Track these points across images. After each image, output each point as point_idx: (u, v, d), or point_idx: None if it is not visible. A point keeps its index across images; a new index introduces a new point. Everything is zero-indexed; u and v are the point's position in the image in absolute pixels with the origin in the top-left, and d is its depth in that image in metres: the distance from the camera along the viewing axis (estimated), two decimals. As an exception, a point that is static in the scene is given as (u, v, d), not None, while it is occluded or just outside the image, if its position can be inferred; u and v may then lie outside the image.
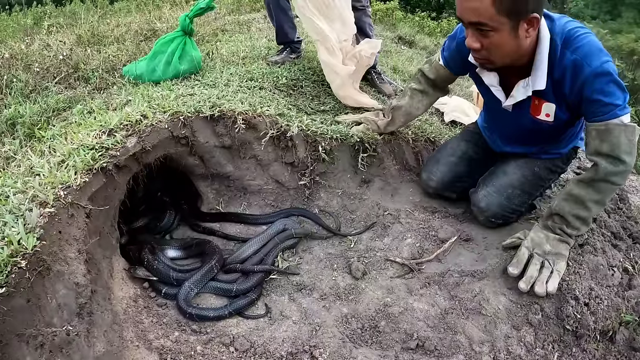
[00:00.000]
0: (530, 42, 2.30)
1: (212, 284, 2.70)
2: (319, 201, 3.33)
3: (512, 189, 2.83)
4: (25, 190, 2.12)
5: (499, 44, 2.25)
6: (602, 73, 2.22)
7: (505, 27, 2.17)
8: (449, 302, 2.46)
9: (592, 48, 2.25)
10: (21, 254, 1.78)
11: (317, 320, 2.44)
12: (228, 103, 3.08)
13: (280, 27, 4.23)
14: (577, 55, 2.26)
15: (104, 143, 2.50)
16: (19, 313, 1.69)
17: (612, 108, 2.25)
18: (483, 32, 2.22)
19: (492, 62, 2.40)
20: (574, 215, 2.43)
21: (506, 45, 2.25)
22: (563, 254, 2.45)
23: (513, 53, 2.31)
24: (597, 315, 2.28)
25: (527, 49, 2.32)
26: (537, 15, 2.16)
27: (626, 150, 2.28)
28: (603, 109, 2.27)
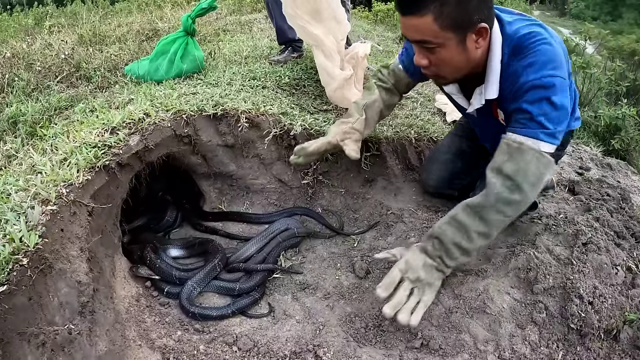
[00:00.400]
0: (482, 52, 2.17)
1: (215, 282, 2.69)
2: (322, 200, 3.33)
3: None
4: (27, 188, 2.11)
5: (447, 59, 2.12)
6: (540, 86, 2.07)
7: (452, 42, 2.05)
8: (453, 301, 2.44)
9: (540, 58, 2.08)
10: (23, 251, 1.77)
11: (321, 320, 2.43)
12: (231, 102, 3.08)
13: (280, 27, 4.23)
14: (521, 64, 2.12)
15: (106, 141, 2.50)
16: (20, 311, 1.68)
17: (538, 128, 2.10)
18: (429, 49, 2.10)
19: (442, 77, 2.30)
20: (455, 244, 2.27)
21: (455, 59, 2.13)
22: (435, 284, 2.31)
23: (463, 66, 2.18)
24: (601, 313, 2.25)
25: (479, 60, 2.19)
26: (485, 25, 2.04)
27: (531, 181, 2.12)
28: (528, 122, 2.12)
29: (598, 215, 2.79)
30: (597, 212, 2.84)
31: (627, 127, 5.98)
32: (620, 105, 6.30)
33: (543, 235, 2.66)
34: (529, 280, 2.41)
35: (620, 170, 3.75)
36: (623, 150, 5.87)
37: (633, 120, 6.07)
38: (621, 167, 3.81)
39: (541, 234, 2.68)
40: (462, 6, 1.95)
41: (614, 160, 3.89)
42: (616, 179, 3.41)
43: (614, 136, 5.95)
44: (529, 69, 2.08)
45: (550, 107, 2.06)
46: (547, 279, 2.37)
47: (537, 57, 2.08)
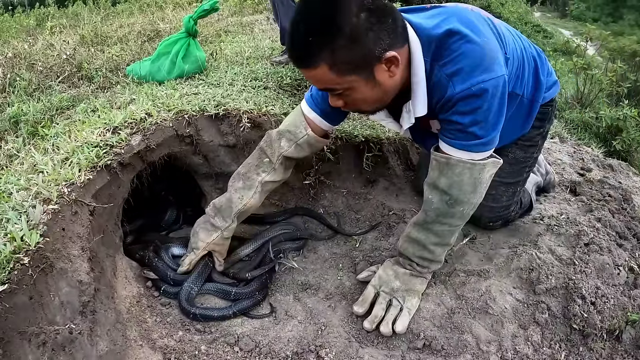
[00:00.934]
0: (401, 76, 1.98)
1: (212, 285, 2.68)
2: (324, 201, 3.33)
3: (494, 190, 2.58)
4: (28, 187, 2.11)
5: (361, 99, 1.99)
6: (469, 96, 1.92)
7: (360, 83, 1.90)
8: (455, 301, 2.44)
9: (465, 62, 1.91)
10: (24, 250, 1.77)
11: (323, 320, 2.42)
12: (233, 102, 3.07)
13: (284, 27, 4.22)
14: (444, 72, 1.95)
15: (108, 141, 2.49)
16: (21, 310, 1.67)
17: (470, 139, 2.02)
18: (339, 94, 1.99)
19: (366, 111, 2.18)
20: (419, 256, 2.35)
21: (369, 96, 1.98)
22: (416, 289, 2.36)
23: (382, 97, 2.02)
24: (604, 314, 2.26)
25: (398, 84, 2.01)
26: (392, 53, 1.85)
27: (468, 190, 2.10)
28: (458, 134, 2.03)
29: (600, 216, 2.80)
30: (599, 212, 2.85)
31: (628, 128, 5.99)
32: (621, 107, 6.32)
33: (545, 236, 2.68)
34: (531, 281, 2.42)
35: (622, 171, 3.75)
36: (624, 151, 5.88)
37: (634, 121, 6.08)
38: (622, 168, 3.80)
39: (543, 234, 2.70)
40: (355, 46, 1.79)
41: (615, 161, 3.89)
42: (617, 179, 3.41)
43: (615, 137, 5.97)
44: (455, 79, 1.93)
45: (482, 115, 1.96)
46: (549, 280, 2.38)
47: (461, 62, 1.91)
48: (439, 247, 2.32)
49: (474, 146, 2.03)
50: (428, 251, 2.31)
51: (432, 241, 2.28)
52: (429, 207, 2.20)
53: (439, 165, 2.11)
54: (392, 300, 2.34)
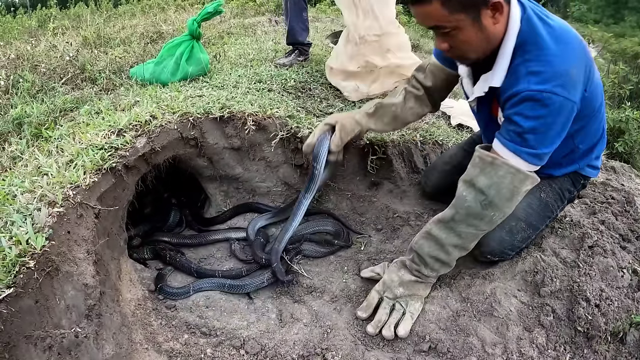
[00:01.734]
0: (502, 28, 2.06)
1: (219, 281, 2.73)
2: (328, 203, 3.33)
3: (515, 221, 2.49)
4: (33, 190, 2.11)
5: (466, 40, 2.05)
6: (538, 100, 1.97)
7: (466, 23, 1.98)
8: (460, 304, 2.43)
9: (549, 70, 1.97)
10: (29, 254, 1.76)
11: (329, 323, 2.42)
12: (237, 104, 3.08)
13: (292, 27, 4.24)
14: (526, 66, 2.03)
15: (113, 143, 2.50)
16: (26, 314, 1.67)
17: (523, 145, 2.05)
18: (446, 34, 2.04)
19: (466, 58, 2.22)
20: (433, 257, 2.32)
21: (473, 39, 2.05)
22: (419, 294, 2.37)
23: (484, 45, 2.09)
24: (608, 316, 2.25)
25: (499, 35, 2.08)
26: None
27: (505, 196, 2.12)
28: (514, 136, 2.06)
29: (603, 219, 2.79)
30: (602, 215, 2.83)
31: (630, 130, 5.97)
32: (623, 109, 6.30)
33: (549, 239, 2.66)
34: (535, 283, 2.41)
35: (624, 173, 3.74)
36: (627, 153, 5.86)
37: (636, 123, 6.07)
38: (625, 171, 3.79)
39: (547, 237, 2.67)
40: None
41: (617, 164, 3.87)
42: (620, 182, 3.40)
43: (617, 139, 5.94)
44: (533, 77, 1.99)
45: (544, 126, 2.00)
46: (554, 282, 2.37)
47: (545, 67, 1.97)
48: (456, 250, 2.30)
49: (525, 154, 2.05)
50: (445, 252, 2.29)
51: (452, 242, 2.26)
52: (461, 204, 2.20)
53: (482, 164, 2.14)
54: (395, 305, 2.35)
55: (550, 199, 2.55)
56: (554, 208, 2.58)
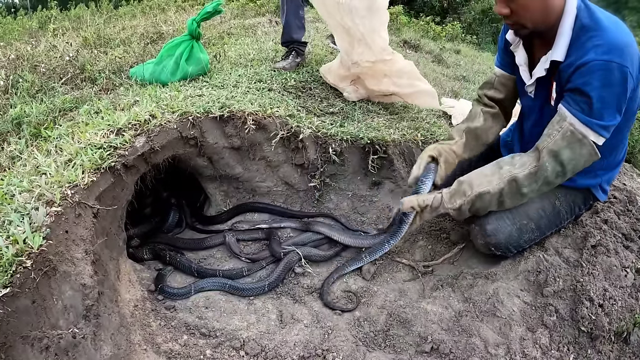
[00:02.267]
0: (560, 2, 2.19)
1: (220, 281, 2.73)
2: (329, 203, 3.33)
3: (527, 220, 2.52)
4: (31, 189, 2.10)
5: (526, 4, 2.17)
6: (606, 70, 2.05)
7: None
8: (462, 304, 2.43)
9: (610, 41, 2.06)
10: (27, 253, 1.75)
11: (329, 324, 2.41)
12: (237, 104, 3.08)
13: (288, 22, 4.19)
14: (591, 41, 2.10)
15: (112, 142, 2.49)
16: (23, 314, 1.66)
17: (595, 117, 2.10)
18: None
19: (523, 25, 2.27)
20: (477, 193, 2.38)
21: (532, 5, 2.17)
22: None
23: (542, 13, 2.20)
24: (612, 316, 2.24)
25: (557, 7, 2.19)
26: None
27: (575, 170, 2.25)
28: (586, 109, 2.12)
29: (606, 218, 2.78)
30: (605, 214, 2.82)
31: (631, 130, 5.97)
32: (625, 108, 6.30)
33: (552, 238, 2.65)
34: (538, 283, 2.40)
35: (626, 172, 3.73)
36: (628, 152, 5.87)
37: (637, 122, 6.07)
38: (627, 170, 3.78)
39: (550, 236, 2.66)
40: None
41: (618, 164, 3.87)
42: (622, 181, 3.39)
43: (618, 139, 5.94)
44: (599, 49, 2.06)
45: (611, 96, 2.07)
46: (557, 282, 2.37)
47: (608, 41, 2.06)
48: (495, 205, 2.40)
49: (595, 126, 2.11)
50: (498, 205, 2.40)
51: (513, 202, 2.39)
52: (542, 174, 2.25)
53: (572, 138, 2.17)
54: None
55: (563, 209, 2.58)
56: (563, 219, 2.60)
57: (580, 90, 2.10)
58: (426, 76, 5.38)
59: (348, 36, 3.55)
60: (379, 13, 3.51)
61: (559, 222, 2.59)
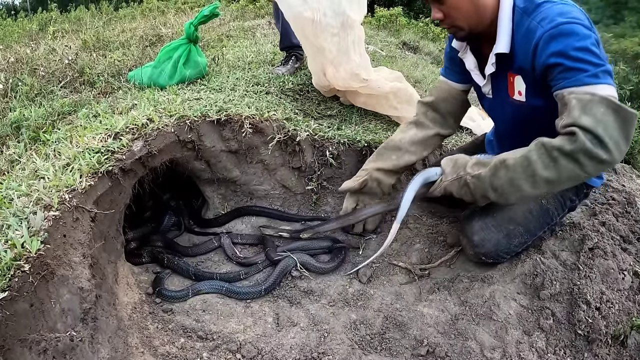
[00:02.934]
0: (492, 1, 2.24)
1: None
2: (326, 206, 3.34)
3: (514, 226, 2.48)
4: (29, 193, 2.11)
5: (456, 6, 2.22)
6: (559, 34, 1.98)
7: None
8: (459, 307, 2.44)
9: (553, 12, 2.05)
10: (25, 257, 1.76)
11: (326, 327, 2.42)
12: (235, 107, 3.09)
13: (285, 29, 4.18)
14: (533, 21, 2.10)
15: (109, 146, 2.50)
16: (22, 318, 1.67)
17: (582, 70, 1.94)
18: (439, 1, 2.23)
19: (458, 27, 2.32)
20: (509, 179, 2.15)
21: (463, 6, 2.22)
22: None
23: (474, 12, 2.25)
24: (609, 319, 2.24)
25: (489, 8, 2.24)
26: None
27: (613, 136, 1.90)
28: (565, 74, 1.98)
29: (604, 220, 2.78)
30: (603, 216, 2.82)
31: (632, 131, 5.98)
32: (624, 109, 6.30)
33: (549, 241, 2.65)
34: (535, 286, 2.40)
35: (625, 174, 3.73)
36: (628, 153, 5.87)
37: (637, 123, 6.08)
38: (626, 171, 3.79)
39: (547, 239, 2.67)
40: None
41: (618, 165, 3.86)
42: (621, 182, 3.39)
43: (618, 140, 5.94)
44: (543, 22, 2.05)
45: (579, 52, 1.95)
46: (553, 285, 2.37)
47: (549, 12, 2.05)
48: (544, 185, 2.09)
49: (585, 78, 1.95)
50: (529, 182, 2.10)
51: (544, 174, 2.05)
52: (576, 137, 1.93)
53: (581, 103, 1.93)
54: None
55: (551, 206, 2.54)
56: (554, 215, 2.57)
57: (551, 65, 2.03)
58: (425, 77, 5.40)
59: (321, 57, 3.41)
60: (352, 30, 3.34)
61: (549, 220, 2.57)
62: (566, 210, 2.63)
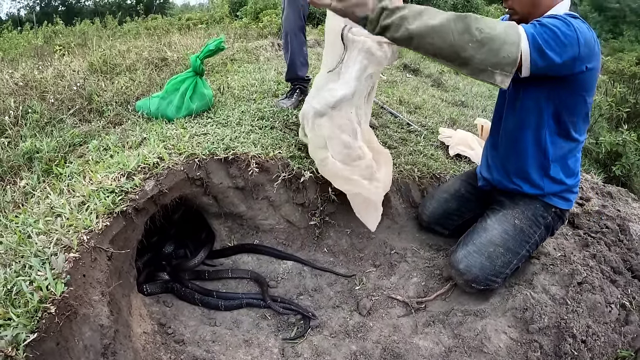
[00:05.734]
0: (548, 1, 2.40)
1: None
2: (329, 240, 3.41)
3: (493, 247, 2.65)
4: (47, 232, 2.21)
5: None
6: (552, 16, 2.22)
7: None
8: (452, 340, 2.53)
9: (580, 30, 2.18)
10: (50, 300, 1.86)
11: (328, 358, 2.52)
12: (241, 146, 3.19)
13: (293, 61, 4.24)
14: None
15: (123, 186, 2.59)
16: (49, 356, 1.78)
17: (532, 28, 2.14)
18: None
19: (516, 11, 2.48)
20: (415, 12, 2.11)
21: None
22: None
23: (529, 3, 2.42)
24: (594, 351, 2.34)
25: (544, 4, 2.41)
26: None
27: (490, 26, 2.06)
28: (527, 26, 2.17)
29: (595, 252, 2.87)
30: (595, 247, 2.91)
31: (627, 154, 6.04)
32: (620, 132, 6.36)
33: (540, 275, 2.76)
34: (525, 320, 2.50)
35: (621, 197, 3.81)
36: (624, 176, 5.95)
37: (634, 145, 6.13)
38: (622, 195, 3.86)
39: (538, 273, 2.77)
40: None
41: (614, 188, 3.95)
42: (616, 207, 3.48)
43: (614, 163, 6.01)
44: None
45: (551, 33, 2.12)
46: (542, 319, 2.47)
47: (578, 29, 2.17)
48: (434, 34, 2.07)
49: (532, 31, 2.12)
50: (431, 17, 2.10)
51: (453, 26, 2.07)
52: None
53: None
54: None
55: (524, 225, 2.69)
56: (530, 233, 2.70)
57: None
58: (425, 102, 5.48)
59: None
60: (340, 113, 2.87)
61: (527, 237, 2.70)
62: (542, 228, 2.73)
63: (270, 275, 3.22)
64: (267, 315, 2.90)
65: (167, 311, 2.85)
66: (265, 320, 2.88)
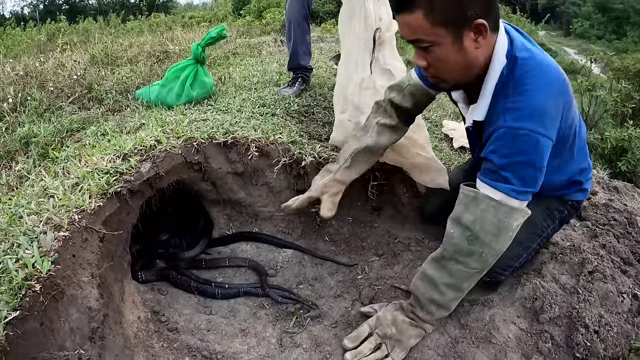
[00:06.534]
0: (483, 54, 2.00)
1: None
2: (330, 228, 3.35)
3: None
4: (39, 212, 2.15)
5: (443, 58, 1.96)
6: (515, 137, 1.94)
7: (447, 40, 1.90)
8: (459, 330, 2.44)
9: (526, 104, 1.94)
10: (35, 277, 1.80)
11: (328, 349, 2.44)
12: (241, 130, 3.13)
13: (295, 50, 4.22)
14: (507, 101, 1.99)
15: (118, 167, 2.54)
16: (32, 336, 1.71)
17: (503, 182, 2.00)
18: (425, 48, 1.95)
19: (442, 79, 2.11)
20: (428, 298, 2.26)
21: (451, 59, 1.96)
22: (407, 342, 2.31)
23: (461, 67, 2.01)
24: (607, 342, 2.26)
25: (480, 62, 2.02)
26: (482, 21, 1.85)
27: (490, 231, 2.05)
28: (492, 175, 2.03)
29: (604, 242, 2.79)
30: (604, 238, 2.84)
31: (633, 149, 6.03)
32: (626, 127, 6.36)
33: (549, 264, 2.66)
34: (535, 310, 2.42)
35: (627, 192, 3.73)
36: (630, 172, 5.91)
37: (639, 141, 6.11)
38: (628, 190, 3.79)
39: (547, 262, 2.67)
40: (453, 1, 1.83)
41: (620, 183, 3.86)
42: (623, 202, 3.40)
43: (620, 158, 5.99)
44: (507, 115, 1.97)
45: (518, 164, 1.97)
46: (553, 309, 2.38)
47: (521, 102, 1.95)
48: (450, 290, 2.23)
49: (504, 189, 2.00)
50: (439, 292, 2.23)
51: (444, 281, 2.21)
52: (449, 242, 2.16)
53: (466, 199, 2.10)
54: (381, 345, 2.30)
55: (537, 218, 2.53)
56: (543, 227, 2.58)
57: (487, 159, 2.05)
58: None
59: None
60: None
61: (539, 231, 2.57)
62: (557, 222, 2.62)
63: (269, 263, 3.16)
64: (265, 305, 2.83)
65: (162, 299, 2.78)
66: (263, 309, 2.81)
